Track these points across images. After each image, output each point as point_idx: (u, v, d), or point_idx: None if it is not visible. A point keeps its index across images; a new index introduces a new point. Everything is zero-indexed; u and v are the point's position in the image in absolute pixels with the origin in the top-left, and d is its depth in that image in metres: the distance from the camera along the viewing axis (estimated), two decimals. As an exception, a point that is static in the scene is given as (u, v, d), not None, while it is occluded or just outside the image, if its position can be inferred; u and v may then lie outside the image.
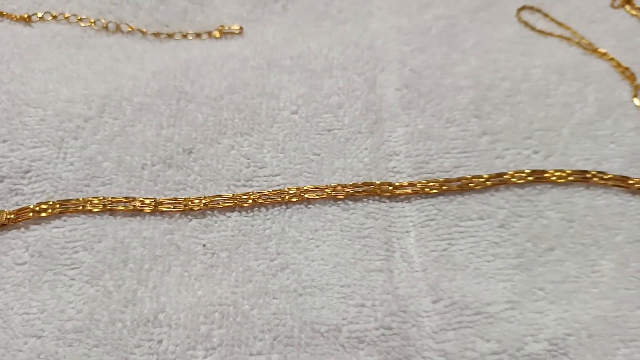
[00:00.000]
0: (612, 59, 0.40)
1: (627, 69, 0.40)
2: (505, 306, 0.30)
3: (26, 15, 0.41)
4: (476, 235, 0.32)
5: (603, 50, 0.41)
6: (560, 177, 0.34)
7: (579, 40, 0.42)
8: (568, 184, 0.35)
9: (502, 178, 0.34)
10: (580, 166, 0.35)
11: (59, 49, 0.39)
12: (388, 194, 0.33)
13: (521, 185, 0.34)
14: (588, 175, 0.35)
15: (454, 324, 0.29)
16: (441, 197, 0.33)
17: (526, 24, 0.43)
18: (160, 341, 0.28)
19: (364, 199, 0.33)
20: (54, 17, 0.41)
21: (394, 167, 0.35)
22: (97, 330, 0.28)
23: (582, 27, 0.43)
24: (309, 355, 0.28)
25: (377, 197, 0.33)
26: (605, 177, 0.35)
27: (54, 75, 0.37)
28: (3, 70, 0.37)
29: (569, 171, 0.35)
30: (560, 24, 0.43)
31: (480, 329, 0.29)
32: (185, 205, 0.32)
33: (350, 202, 0.33)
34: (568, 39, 0.42)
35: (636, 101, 0.38)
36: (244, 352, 0.28)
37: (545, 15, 0.44)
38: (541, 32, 0.43)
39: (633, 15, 0.44)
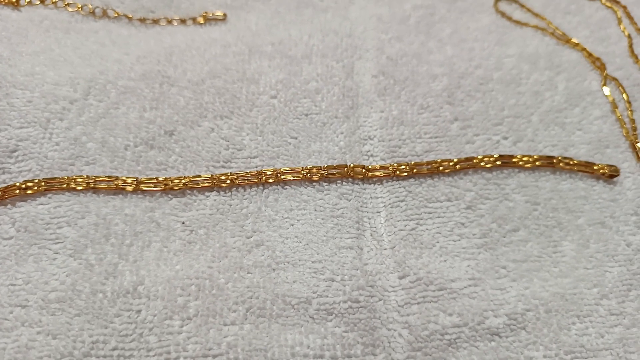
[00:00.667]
0: (584, 49, 0.42)
1: (598, 59, 0.41)
2: (468, 283, 0.31)
3: (14, 0, 0.42)
4: (444, 216, 0.34)
5: (576, 41, 0.42)
6: (527, 162, 0.36)
7: (553, 30, 0.43)
8: (535, 168, 0.36)
9: (470, 162, 0.35)
10: (548, 152, 0.37)
11: (47, 33, 0.40)
12: (361, 176, 0.35)
13: (489, 169, 0.36)
14: (554, 161, 0.36)
15: (418, 299, 0.31)
16: (412, 180, 0.35)
17: (503, 14, 0.44)
18: (139, 311, 0.29)
19: (338, 181, 0.35)
20: (42, 2, 0.42)
21: (368, 151, 0.36)
22: (79, 301, 0.29)
23: (557, 18, 0.44)
24: (279, 325, 0.29)
25: (350, 179, 0.35)
26: (571, 162, 0.36)
27: (41, 58, 0.38)
28: (-9, 53, 0.38)
29: (536, 156, 0.36)
30: (536, 15, 0.44)
31: (444, 304, 0.31)
32: (166, 184, 0.33)
33: (324, 184, 0.34)
34: (543, 29, 0.43)
35: (605, 90, 0.40)
36: (218, 322, 0.29)
37: (522, 5, 0.45)
38: (517, 22, 0.44)
39: (608, 7, 0.45)
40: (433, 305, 0.31)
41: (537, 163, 0.36)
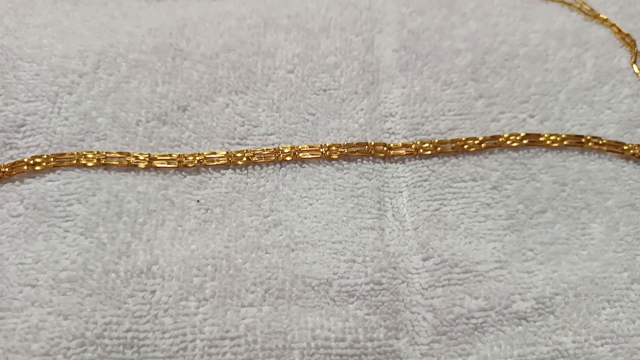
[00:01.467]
0: (613, 25, 0.40)
1: (627, 35, 0.40)
2: (495, 265, 0.30)
3: (20, -30, 0.40)
4: (468, 197, 0.32)
5: (604, 17, 0.41)
6: (554, 142, 0.34)
7: (580, 5, 0.41)
8: (562, 148, 0.35)
9: (496, 141, 0.34)
10: (576, 131, 0.35)
11: (54, 5, 0.39)
12: (382, 155, 0.33)
13: (515, 149, 0.34)
14: (583, 140, 0.35)
15: (443, 281, 0.29)
16: (435, 159, 0.33)
17: (527, -12, 0.42)
18: (153, 292, 0.28)
19: (358, 159, 0.33)
20: (49, -28, 0.40)
21: (389, 129, 0.35)
22: (91, 280, 0.28)
23: (584, -7, 0.42)
24: (299, 307, 0.28)
25: (371, 158, 0.33)
26: (600, 142, 0.35)
27: (49, 30, 0.37)
28: (-3, 24, 0.37)
29: (564, 135, 0.35)
30: (562, -11, 0.43)
31: (469, 287, 0.29)
32: (179, 161, 0.32)
33: (344, 162, 0.33)
34: (569, 5, 0.42)
35: (635, 67, 0.38)
36: (236, 304, 0.28)
37: (547, -20, 0.43)
38: (542, -3, 0.42)
39: (636, -18, 0.43)
40: (458, 288, 0.29)
41: (564, 142, 0.34)
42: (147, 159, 0.32)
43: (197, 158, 0.32)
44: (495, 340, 0.28)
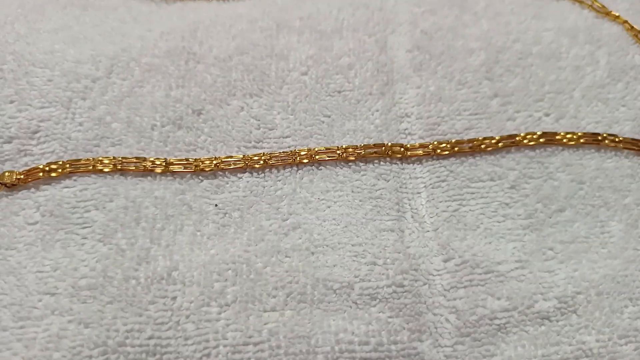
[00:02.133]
0: (625, 21, 0.40)
1: (639, 32, 0.40)
2: (516, 265, 0.30)
3: (29, -25, 0.40)
4: (487, 196, 0.32)
5: (616, 14, 0.40)
6: (571, 140, 0.34)
7: (591, 3, 0.41)
8: (579, 146, 0.34)
9: (513, 140, 0.34)
10: (591, 129, 0.35)
11: (64, 10, 0.38)
12: (399, 156, 0.33)
13: (532, 147, 0.34)
14: (599, 138, 0.34)
15: (464, 282, 0.29)
16: (452, 159, 0.33)
17: (538, -14, 0.42)
18: (174, 298, 0.28)
19: (375, 161, 0.33)
20: (58, -23, 0.40)
21: (405, 129, 0.34)
22: (111, 287, 0.28)
23: (595, -10, 0.42)
24: (321, 311, 0.28)
25: (388, 159, 0.33)
26: (616, 139, 0.34)
27: (60, 35, 0.36)
28: (8, 30, 0.36)
29: (580, 133, 0.34)
30: (572, -13, 0.42)
31: (491, 287, 0.29)
32: (196, 165, 0.32)
33: (361, 164, 0.33)
34: (580, 2, 0.41)
35: (648, 64, 0.38)
36: (258, 309, 0.28)
37: (557, -23, 0.43)
38: (553, -6, 0.42)
39: (646, -21, 0.43)
40: (480, 289, 0.29)
41: (581, 140, 0.34)
42: (164, 164, 0.32)
43: (214, 162, 0.32)
44: (519, 340, 0.28)
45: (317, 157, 0.33)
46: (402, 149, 0.33)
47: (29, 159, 0.32)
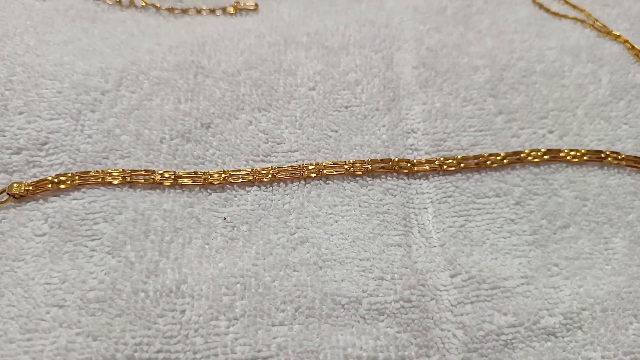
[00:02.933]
0: (626, 41, 0.41)
1: (640, 51, 0.40)
2: (521, 281, 0.30)
3: (39, -12, 0.40)
4: (492, 212, 0.33)
5: (617, 33, 0.41)
6: (574, 157, 0.35)
7: (592, 22, 0.42)
8: (582, 163, 0.35)
9: (518, 156, 0.34)
10: (594, 146, 0.36)
11: (73, 23, 0.39)
12: (406, 171, 0.33)
13: (537, 164, 0.34)
14: (602, 155, 0.35)
15: (471, 298, 0.30)
16: (458, 175, 0.34)
17: (540, 5, 0.43)
18: (183, 311, 0.28)
19: (382, 176, 0.33)
20: (67, -10, 0.40)
21: (412, 145, 0.35)
22: (120, 300, 0.28)
23: (596, 10, 0.43)
24: (330, 326, 0.28)
25: (395, 174, 0.33)
26: (619, 157, 0.35)
27: (69, 48, 0.37)
28: (17, 42, 0.37)
29: (584, 151, 0.35)
30: (574, 7, 0.43)
31: (497, 303, 0.30)
32: (205, 179, 0.32)
33: (368, 179, 0.33)
34: (582, 21, 0.42)
35: (649, 83, 0.39)
36: (267, 323, 0.28)
37: (559, -3, 0.44)
38: (555, 14, 0.43)
39: (646, -1, 0.44)
40: (487, 305, 0.29)
41: (584, 158, 0.35)
42: (173, 177, 0.32)
43: (222, 175, 0.32)
44: (525, 356, 0.28)
45: (324, 171, 0.33)
46: (409, 165, 0.33)
47: (38, 170, 0.32)
